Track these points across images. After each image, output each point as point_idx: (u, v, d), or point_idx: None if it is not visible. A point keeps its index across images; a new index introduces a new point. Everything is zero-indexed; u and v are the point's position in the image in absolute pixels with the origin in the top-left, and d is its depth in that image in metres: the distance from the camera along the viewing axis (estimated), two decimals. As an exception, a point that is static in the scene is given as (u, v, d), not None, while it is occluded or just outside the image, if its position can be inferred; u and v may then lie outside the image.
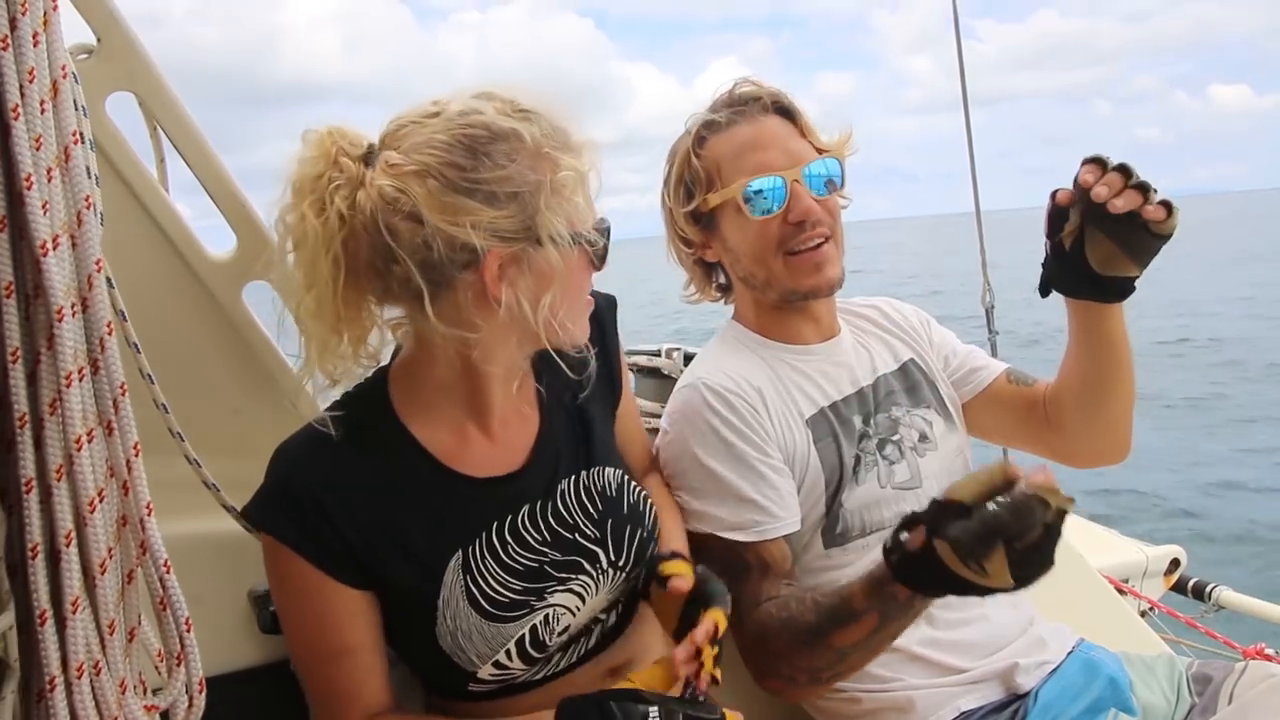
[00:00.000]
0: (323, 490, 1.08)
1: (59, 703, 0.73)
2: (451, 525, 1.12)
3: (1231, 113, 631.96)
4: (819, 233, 1.40)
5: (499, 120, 1.04)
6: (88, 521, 0.75)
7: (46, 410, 0.74)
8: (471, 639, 1.10)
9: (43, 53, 0.76)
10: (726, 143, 1.42)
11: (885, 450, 1.43)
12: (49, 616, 0.74)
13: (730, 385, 1.38)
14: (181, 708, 0.83)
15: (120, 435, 0.78)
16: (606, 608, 1.22)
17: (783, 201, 1.38)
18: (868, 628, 1.17)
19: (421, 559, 1.10)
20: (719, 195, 1.41)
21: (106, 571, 0.76)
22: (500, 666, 1.12)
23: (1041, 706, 1.32)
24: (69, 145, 0.78)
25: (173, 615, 0.83)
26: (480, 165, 1.02)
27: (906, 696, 1.33)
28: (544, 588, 1.14)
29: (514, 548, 1.14)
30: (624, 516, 1.22)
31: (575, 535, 1.18)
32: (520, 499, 1.17)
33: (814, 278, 1.41)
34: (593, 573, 1.18)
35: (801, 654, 1.23)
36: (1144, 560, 2.89)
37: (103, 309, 0.77)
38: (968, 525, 0.98)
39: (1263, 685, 1.32)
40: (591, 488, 1.22)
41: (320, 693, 1.13)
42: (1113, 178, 1.19)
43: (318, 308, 1.05)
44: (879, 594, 1.13)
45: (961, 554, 0.99)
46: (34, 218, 0.73)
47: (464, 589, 1.10)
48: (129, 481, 0.79)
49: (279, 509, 1.09)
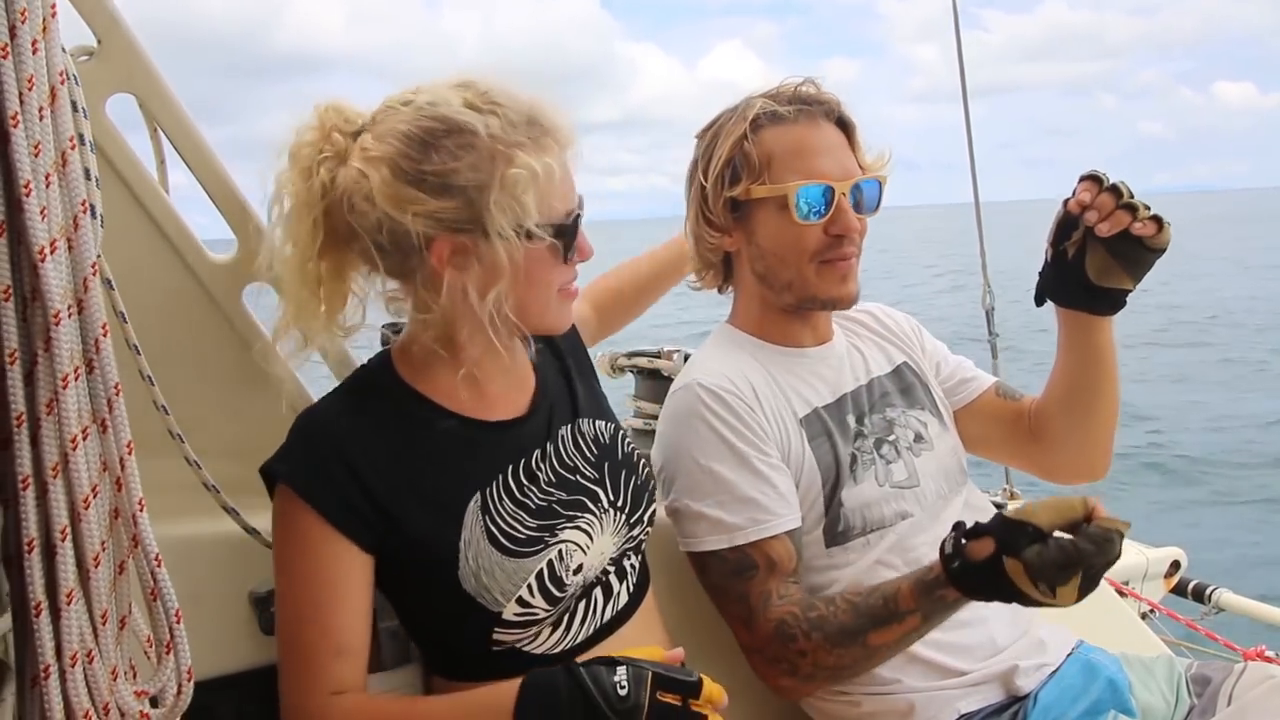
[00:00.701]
0: (346, 446, 1.13)
1: (53, 690, 0.75)
2: (470, 469, 1.19)
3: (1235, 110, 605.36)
4: (852, 250, 1.41)
5: (458, 114, 1.10)
6: (82, 517, 0.77)
7: (44, 410, 0.75)
8: (494, 576, 1.14)
9: (41, 60, 0.77)
10: (784, 137, 1.39)
11: (882, 450, 1.44)
12: (44, 608, 0.76)
13: (725, 385, 1.39)
14: (170, 694, 0.85)
15: (114, 433, 0.80)
16: (616, 560, 1.26)
17: (828, 212, 1.37)
18: (909, 628, 1.21)
19: (443, 504, 1.15)
20: (766, 188, 1.39)
21: (100, 564, 0.78)
22: (524, 604, 1.15)
23: (1041, 708, 1.32)
24: (67, 150, 0.79)
25: (163, 606, 0.85)
26: (428, 159, 1.09)
27: (906, 699, 1.34)
28: (555, 524, 1.19)
29: (527, 487, 1.21)
30: (619, 462, 1.30)
31: (576, 477, 1.25)
32: (529, 441, 1.24)
33: (841, 289, 1.42)
34: (595, 511, 1.24)
35: (831, 653, 1.26)
36: (1144, 562, 2.88)
37: (98, 311, 0.79)
38: (1045, 552, 1.05)
39: (1262, 687, 1.32)
40: (585, 435, 1.30)
41: (294, 658, 1.13)
42: (1104, 200, 1.22)
43: (299, 266, 1.14)
44: (928, 596, 1.18)
45: (1034, 575, 1.05)
46: (32, 224, 0.74)
47: (484, 529, 1.15)
48: (122, 478, 0.80)
49: (300, 463, 1.13)
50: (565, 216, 1.16)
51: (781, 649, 1.29)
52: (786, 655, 1.29)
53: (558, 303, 1.22)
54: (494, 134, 1.10)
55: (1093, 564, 1.04)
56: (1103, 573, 1.06)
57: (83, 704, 0.76)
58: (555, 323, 1.24)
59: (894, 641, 1.24)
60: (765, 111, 1.40)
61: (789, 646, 1.28)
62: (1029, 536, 1.06)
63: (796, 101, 1.41)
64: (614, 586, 1.27)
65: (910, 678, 1.35)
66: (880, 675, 1.34)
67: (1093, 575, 1.06)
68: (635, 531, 1.29)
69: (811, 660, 1.27)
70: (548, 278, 1.18)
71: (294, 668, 1.14)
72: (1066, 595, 1.06)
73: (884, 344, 1.59)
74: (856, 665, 1.27)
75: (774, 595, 1.31)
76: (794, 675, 1.30)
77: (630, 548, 1.29)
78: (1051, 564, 1.04)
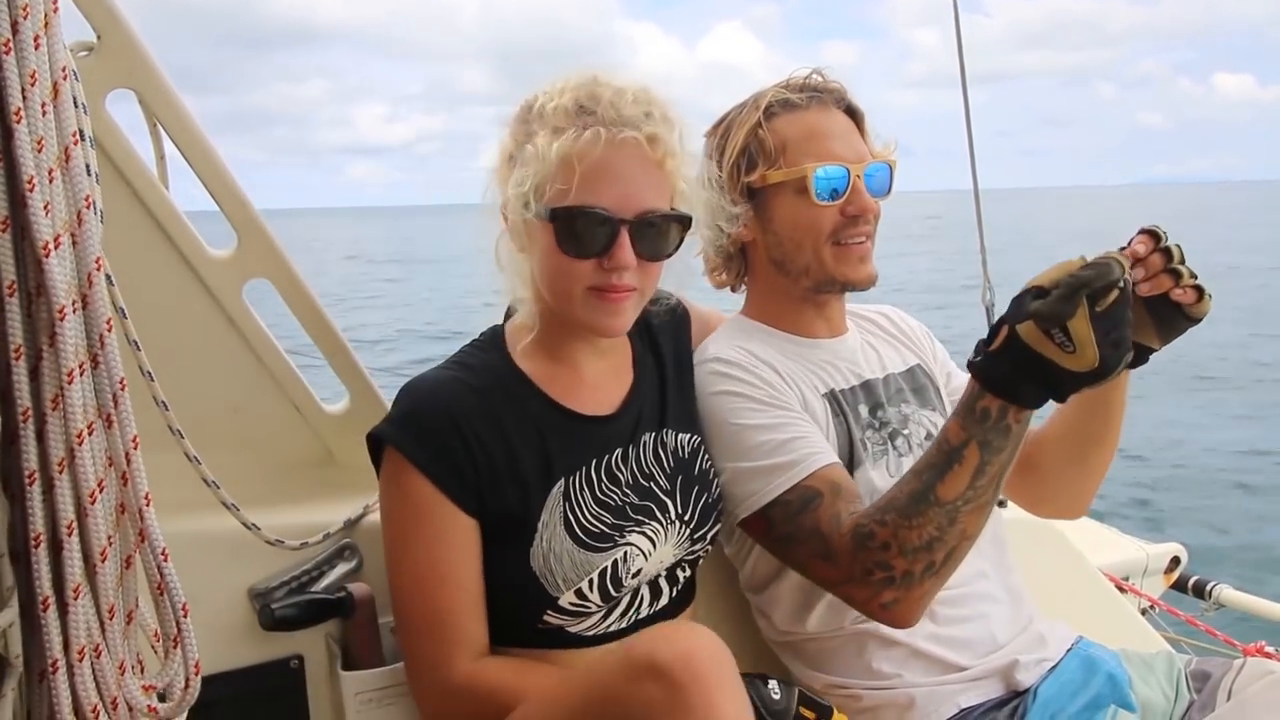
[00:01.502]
0: (453, 415, 1.18)
1: (61, 684, 0.75)
2: (559, 456, 1.23)
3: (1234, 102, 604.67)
4: (868, 230, 1.43)
5: (532, 97, 1.19)
6: (88, 511, 0.77)
7: (49, 405, 0.75)
8: (562, 562, 1.18)
9: (44, 55, 0.77)
10: (798, 123, 1.42)
11: (896, 442, 1.45)
12: (51, 603, 0.76)
13: (743, 357, 1.41)
14: (178, 688, 0.86)
15: (120, 428, 0.80)
16: (670, 568, 1.29)
17: (844, 192, 1.40)
18: (971, 466, 1.15)
19: (530, 484, 1.19)
20: (782, 173, 1.40)
21: (107, 559, 0.78)
22: (581, 596, 1.19)
23: (1041, 703, 1.33)
24: (69, 146, 0.79)
25: (170, 600, 0.85)
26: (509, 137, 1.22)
27: (907, 694, 1.34)
28: (625, 525, 1.23)
29: (607, 484, 1.25)
30: (694, 478, 1.32)
31: (650, 484, 1.28)
32: (614, 440, 1.28)
33: (859, 270, 1.43)
34: (662, 520, 1.27)
35: (911, 530, 1.17)
36: (1144, 558, 2.89)
37: (102, 306, 0.79)
38: (1047, 297, 1.05)
39: (1261, 682, 1.33)
40: (666, 445, 1.32)
41: (423, 625, 1.17)
42: (1155, 260, 1.21)
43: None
44: (970, 416, 1.14)
45: (1044, 324, 1.05)
46: (36, 219, 0.74)
47: (562, 515, 1.20)
48: (128, 472, 0.80)
49: (410, 430, 1.17)
50: (575, 205, 1.13)
51: (866, 557, 1.20)
52: (873, 560, 1.20)
53: (586, 301, 1.18)
54: (540, 114, 1.16)
55: (1093, 286, 1.02)
56: (1117, 314, 1.04)
57: (90, 699, 0.76)
58: (591, 321, 1.20)
59: (966, 490, 1.15)
60: (778, 100, 1.43)
61: (871, 547, 1.20)
62: (1032, 295, 1.07)
63: (808, 90, 1.44)
64: (663, 589, 1.29)
65: (911, 673, 1.35)
66: (881, 670, 1.35)
67: (1104, 312, 1.03)
68: (696, 546, 1.32)
69: (897, 550, 1.18)
70: (562, 267, 1.17)
71: (424, 637, 1.17)
72: (1082, 339, 1.03)
73: (898, 345, 1.60)
74: (945, 536, 1.17)
75: (843, 513, 1.25)
76: (892, 583, 1.19)
77: (688, 560, 1.31)
78: (1056, 301, 1.03)
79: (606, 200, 1.13)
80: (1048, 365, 1.06)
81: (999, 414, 1.13)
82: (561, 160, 1.12)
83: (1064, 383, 1.08)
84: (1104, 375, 1.06)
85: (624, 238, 1.14)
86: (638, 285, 1.19)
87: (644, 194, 1.15)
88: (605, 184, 1.13)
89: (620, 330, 1.22)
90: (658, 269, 1.22)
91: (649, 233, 1.16)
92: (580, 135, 1.12)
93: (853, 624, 1.38)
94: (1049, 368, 1.06)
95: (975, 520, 1.18)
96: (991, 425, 1.13)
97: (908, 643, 1.35)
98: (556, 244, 1.15)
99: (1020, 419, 1.14)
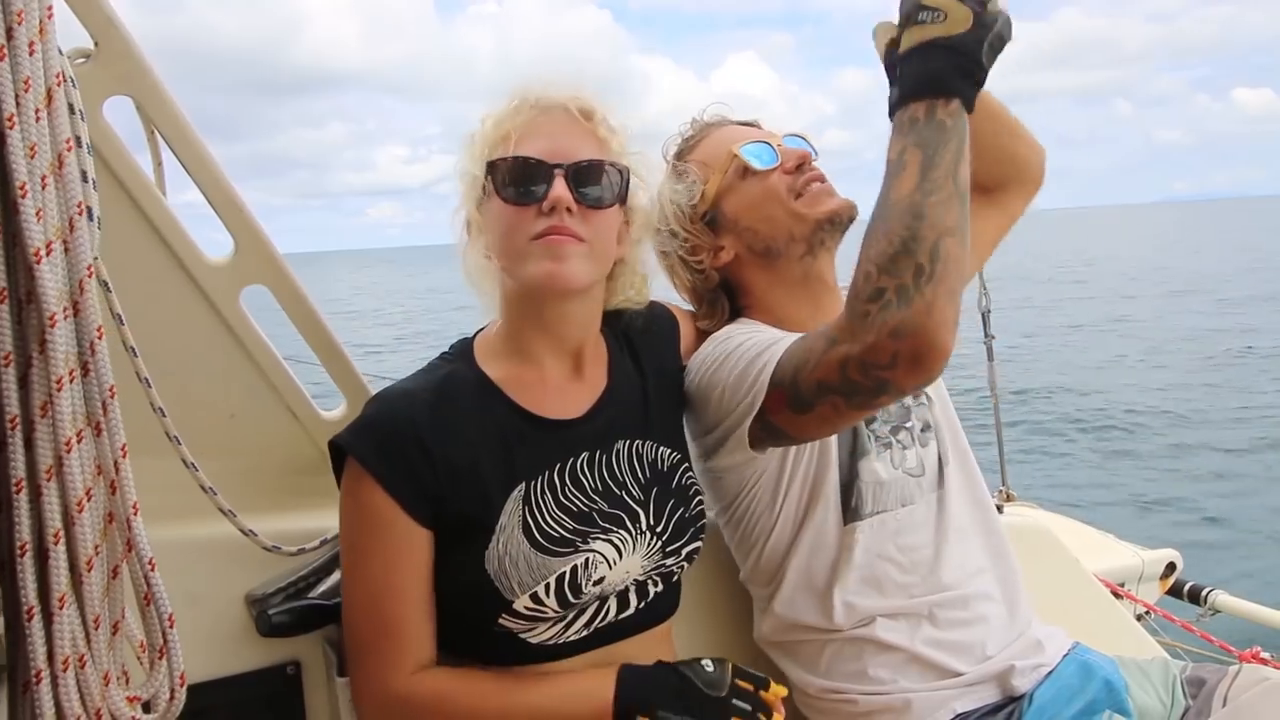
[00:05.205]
0: (415, 424, 1.17)
1: (44, 695, 0.75)
2: (522, 460, 1.22)
3: (1255, 116, 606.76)
4: (816, 174, 1.46)
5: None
6: (76, 520, 0.77)
7: (38, 413, 0.75)
8: (518, 565, 1.17)
9: (38, 61, 0.77)
10: (709, 143, 1.52)
11: (899, 435, 1.45)
12: (36, 612, 0.75)
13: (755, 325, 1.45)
14: (163, 700, 0.85)
15: (109, 436, 0.79)
16: (639, 582, 1.26)
17: (776, 159, 1.46)
18: (915, 165, 1.11)
19: (489, 487, 1.19)
20: (718, 176, 1.47)
21: (93, 568, 0.78)
22: (537, 601, 1.17)
23: (1037, 709, 1.33)
24: (63, 152, 0.79)
25: (156, 611, 0.85)
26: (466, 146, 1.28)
27: (903, 698, 1.34)
28: (589, 532, 1.22)
29: (571, 488, 1.23)
30: (670, 491, 1.31)
31: (622, 493, 1.27)
32: (580, 444, 1.26)
33: (831, 202, 1.44)
34: (632, 530, 1.25)
35: (880, 242, 1.10)
36: (1140, 564, 2.89)
37: (93, 313, 0.78)
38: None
39: (1257, 688, 1.33)
40: (644, 456, 1.31)
41: (370, 637, 1.16)
42: None
43: None
44: (901, 130, 1.14)
45: (909, 10, 1.11)
46: (28, 225, 0.74)
47: (520, 519, 1.19)
48: (116, 481, 0.80)
49: (370, 439, 1.16)
50: (512, 155, 1.20)
51: (858, 303, 1.12)
52: (865, 298, 1.11)
53: (532, 251, 1.18)
54: (482, 122, 1.25)
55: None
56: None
57: (74, 710, 0.76)
58: (540, 271, 1.18)
59: (920, 183, 1.10)
60: (684, 137, 1.56)
61: (858, 291, 1.12)
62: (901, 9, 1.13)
63: (700, 125, 1.56)
64: (630, 601, 1.27)
65: (907, 679, 1.35)
66: (878, 676, 1.35)
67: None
68: (669, 561, 1.29)
69: (878, 271, 1.10)
70: (509, 221, 1.20)
71: (369, 650, 1.16)
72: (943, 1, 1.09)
73: None
74: (917, 232, 1.08)
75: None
76: (890, 306, 1.08)
77: (659, 574, 1.29)
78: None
79: (540, 151, 1.20)
80: (939, 46, 1.10)
81: (927, 115, 1.12)
82: (499, 131, 1.22)
83: (963, 52, 1.10)
84: (988, 26, 1.10)
85: (559, 180, 1.18)
86: (584, 235, 1.19)
87: (578, 145, 1.21)
88: (539, 140, 1.21)
89: (569, 280, 1.18)
90: (604, 221, 1.22)
91: (585, 176, 1.20)
92: (517, 113, 1.23)
93: (852, 627, 1.38)
94: (941, 47, 1.10)
95: (944, 211, 1.09)
96: (923, 126, 1.12)
97: (905, 648, 1.35)
98: (498, 194, 1.20)
99: (949, 111, 1.12)
